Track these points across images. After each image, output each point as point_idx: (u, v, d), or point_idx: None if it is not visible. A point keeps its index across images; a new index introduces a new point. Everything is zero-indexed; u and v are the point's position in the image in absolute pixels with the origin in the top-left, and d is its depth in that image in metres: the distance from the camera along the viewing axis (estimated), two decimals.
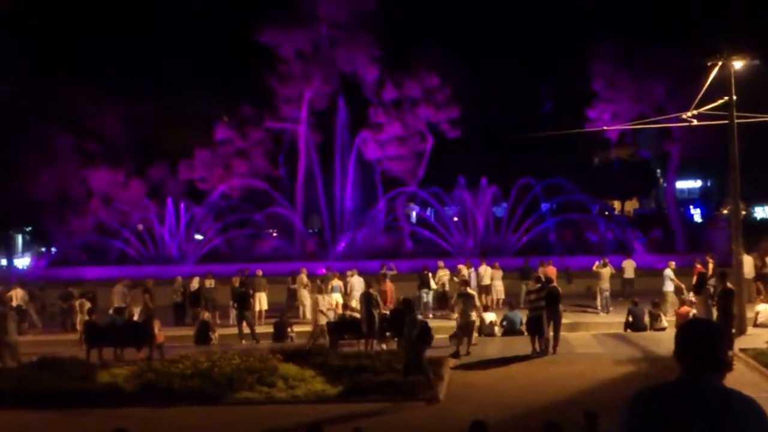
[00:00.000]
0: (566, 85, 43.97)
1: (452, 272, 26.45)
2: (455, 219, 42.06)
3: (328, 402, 14.18)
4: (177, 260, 38.66)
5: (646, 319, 21.86)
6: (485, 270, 27.09)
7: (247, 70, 42.19)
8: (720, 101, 21.11)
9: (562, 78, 44.33)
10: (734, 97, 20.74)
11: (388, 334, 19.88)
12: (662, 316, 21.86)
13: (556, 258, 31.23)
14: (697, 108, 22.31)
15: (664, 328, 21.31)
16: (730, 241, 22.39)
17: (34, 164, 39.65)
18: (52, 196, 41.19)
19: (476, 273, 26.49)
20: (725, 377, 3.31)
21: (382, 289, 23.10)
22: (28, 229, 52.89)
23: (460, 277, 24.16)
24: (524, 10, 45.16)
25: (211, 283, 26.13)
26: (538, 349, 18.57)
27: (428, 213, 46.11)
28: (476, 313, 20.08)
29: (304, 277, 26.19)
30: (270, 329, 22.58)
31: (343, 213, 41.77)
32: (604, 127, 36.84)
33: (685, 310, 20.46)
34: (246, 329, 22.50)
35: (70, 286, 26.64)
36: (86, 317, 21.45)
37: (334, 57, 42.37)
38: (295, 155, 42.50)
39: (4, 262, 48.63)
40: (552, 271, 25.09)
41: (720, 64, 20.43)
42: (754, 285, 24.76)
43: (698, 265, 24.20)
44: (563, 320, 19.80)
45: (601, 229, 40.01)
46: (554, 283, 20.11)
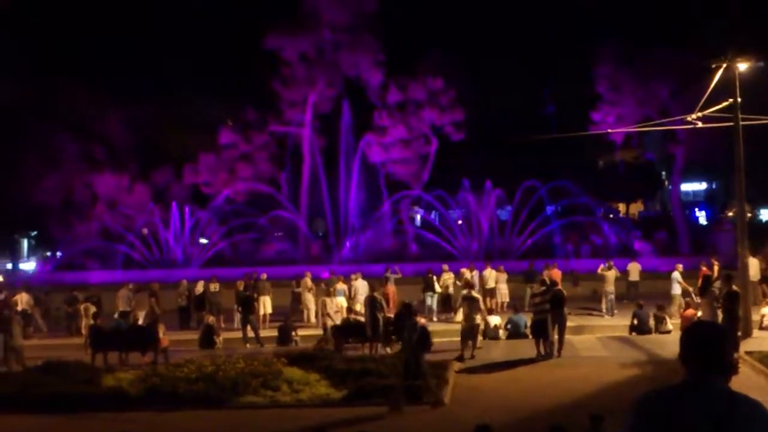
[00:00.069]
0: (570, 88, 43.92)
1: (456, 275, 26.42)
2: (459, 222, 41.99)
3: (333, 406, 14.16)
4: (182, 264, 38.68)
5: (651, 322, 21.82)
6: (490, 273, 27.05)
7: (251, 74, 42.25)
8: (725, 103, 21.07)
9: (566, 80, 44.27)
10: (739, 99, 20.70)
11: (394, 337, 19.86)
12: (667, 319, 21.82)
13: (560, 261, 31.20)
14: (702, 110, 22.25)
15: (669, 331, 21.25)
16: (736, 244, 22.35)
17: (39, 169, 39.70)
18: (57, 201, 41.27)
19: (480, 276, 26.45)
20: (731, 380, 3.30)
21: (384, 293, 23.09)
22: (34, 234, 52.98)
23: (463, 280, 24.14)
24: (527, 12, 45.16)
25: (215, 287, 26.13)
26: (543, 353, 18.54)
27: (433, 216, 46.07)
28: (481, 317, 20.05)
29: (309, 281, 26.21)
30: (274, 333, 22.61)
31: (348, 216, 41.72)
32: (609, 130, 36.76)
33: (691, 312, 20.42)
34: (250, 333, 22.52)
35: (75, 291, 26.61)
36: (91, 321, 21.46)
37: (338, 60, 42.40)
38: (300, 159, 42.45)
39: (10, 267, 48.71)
40: (557, 274, 25.05)
41: (724, 66, 20.40)
42: (759, 287, 24.72)
43: (704, 268, 24.14)
44: (568, 323, 19.77)
45: (606, 232, 39.91)
46: (559, 286, 20.06)
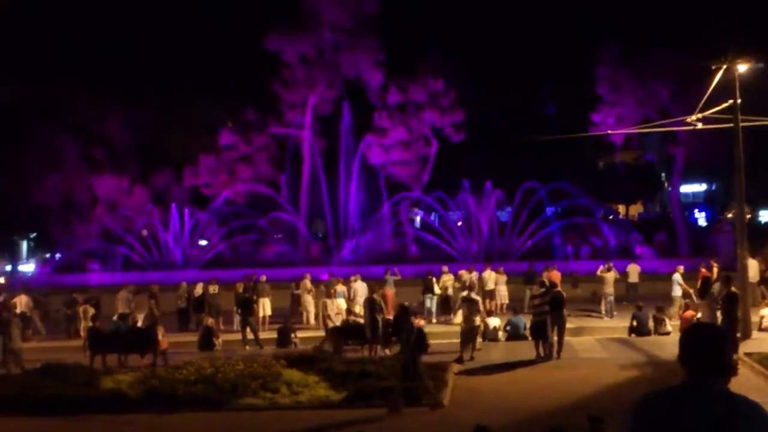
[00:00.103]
0: (570, 89, 43.91)
1: (456, 277, 26.39)
2: (459, 223, 41.97)
3: (332, 408, 14.12)
4: (181, 266, 38.67)
5: (651, 324, 21.80)
6: (489, 274, 27.00)
7: (252, 76, 42.26)
8: (725, 104, 21.06)
9: (566, 81, 44.25)
10: (739, 100, 20.70)
11: (394, 339, 19.82)
12: (666, 321, 21.80)
13: (560, 262, 31.18)
14: (701, 111, 22.24)
15: (668, 333, 21.24)
16: (735, 245, 22.32)
17: (40, 170, 39.70)
18: (57, 202, 41.27)
19: (480, 278, 26.41)
20: (730, 382, 3.28)
21: (383, 295, 23.02)
22: (33, 236, 52.96)
23: (461, 282, 24.14)
24: (527, 13, 45.15)
25: (214, 289, 26.11)
26: (543, 354, 18.51)
27: (432, 218, 46.06)
28: (480, 318, 20.02)
29: (308, 283, 26.18)
30: (274, 335, 22.57)
31: (348, 218, 41.71)
32: (609, 131, 36.76)
33: (690, 314, 20.40)
34: (250, 335, 22.48)
35: (74, 293, 26.58)
36: (90, 323, 21.44)
37: (339, 62, 42.42)
38: (300, 160, 42.45)
39: (9, 269, 48.69)
40: (556, 276, 24.98)
41: (724, 67, 20.39)
42: (758, 289, 24.69)
43: (703, 269, 24.12)
44: (567, 325, 19.74)
45: (605, 234, 39.91)
46: (558, 288, 20.04)
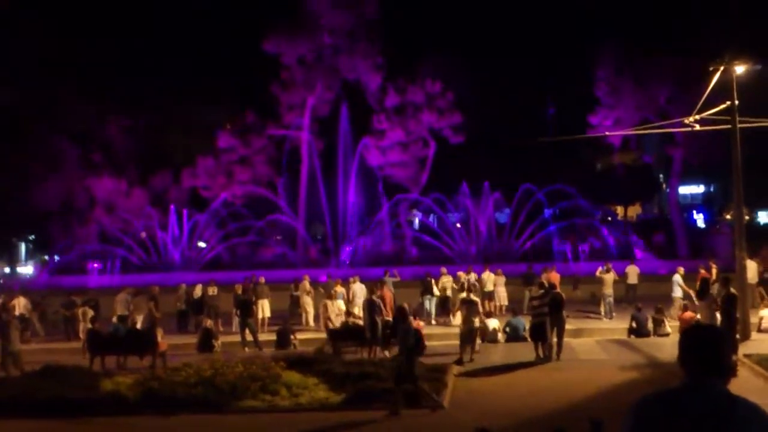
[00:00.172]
0: (569, 91, 43.96)
1: (455, 279, 26.41)
2: (458, 225, 41.98)
3: (332, 410, 14.10)
4: (180, 268, 38.65)
5: (650, 325, 21.82)
6: (488, 276, 27.04)
7: (250, 78, 42.29)
8: (722, 106, 21.10)
9: (564, 84, 44.32)
10: (736, 102, 20.72)
11: (393, 340, 19.79)
12: (665, 322, 21.82)
13: (559, 264, 31.19)
14: (699, 113, 22.27)
15: (667, 334, 21.27)
16: (733, 246, 22.35)
17: (39, 172, 39.69)
18: (56, 205, 41.26)
19: (479, 279, 26.42)
20: (729, 383, 3.30)
21: (381, 296, 23.00)
22: (32, 237, 52.93)
23: (459, 283, 24.16)
24: (526, 15, 45.21)
25: (213, 291, 26.11)
26: (542, 356, 18.51)
27: (431, 219, 46.07)
28: (479, 320, 20.01)
29: (307, 284, 26.19)
30: (273, 337, 22.57)
31: (346, 220, 41.71)
32: (607, 133, 36.82)
33: (689, 315, 20.40)
34: (249, 337, 22.47)
35: (73, 295, 26.55)
36: (89, 325, 21.43)
37: (337, 64, 42.44)
38: (298, 162, 42.46)
39: (7, 271, 48.65)
40: (555, 277, 25.00)
41: (722, 68, 20.42)
42: (757, 290, 24.70)
43: (702, 271, 24.12)
44: (567, 326, 19.74)
45: (604, 235, 39.93)
46: (557, 289, 20.06)
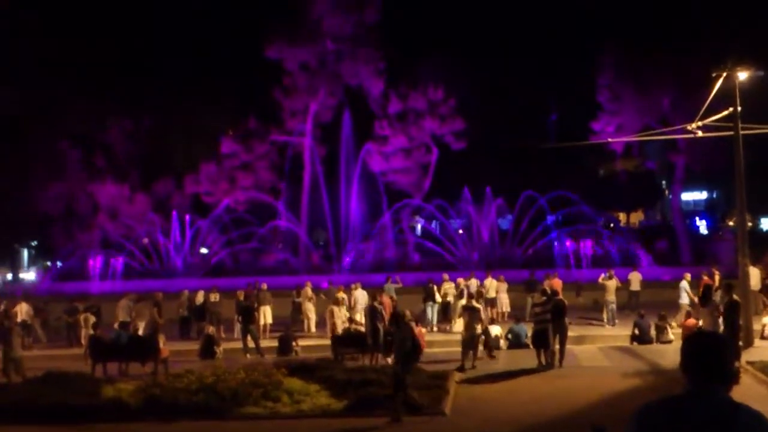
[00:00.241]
0: (571, 97, 43.98)
1: (456, 285, 26.35)
2: (460, 231, 41.95)
3: (333, 416, 14.06)
4: (182, 274, 38.65)
5: (653, 332, 21.77)
6: (490, 282, 26.99)
7: (253, 84, 42.35)
8: (725, 113, 21.07)
9: (566, 90, 44.34)
10: (739, 108, 20.70)
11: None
12: (668, 329, 21.76)
13: (561, 270, 31.14)
14: (702, 119, 22.24)
15: (670, 341, 21.21)
16: (736, 253, 22.28)
17: (41, 178, 39.75)
18: (58, 211, 41.28)
19: (481, 285, 26.34)
20: (732, 390, 3.29)
21: (381, 302, 22.94)
22: (34, 243, 52.98)
23: (458, 290, 24.13)
24: (529, 21, 45.30)
25: (215, 297, 26.09)
26: (544, 363, 18.46)
27: (433, 225, 46.06)
28: (481, 327, 19.96)
29: (309, 291, 26.19)
30: (275, 343, 22.55)
31: (348, 226, 41.71)
32: (609, 139, 36.79)
33: (692, 322, 20.35)
34: (251, 343, 22.44)
35: (75, 301, 26.58)
36: (91, 332, 21.42)
37: (340, 70, 42.51)
38: (300, 168, 42.50)
39: (10, 277, 48.67)
40: (558, 284, 24.94)
41: (724, 75, 20.41)
42: (760, 297, 24.64)
43: (705, 277, 24.08)
44: (569, 333, 19.69)
45: (606, 242, 39.88)
46: (560, 296, 20.01)
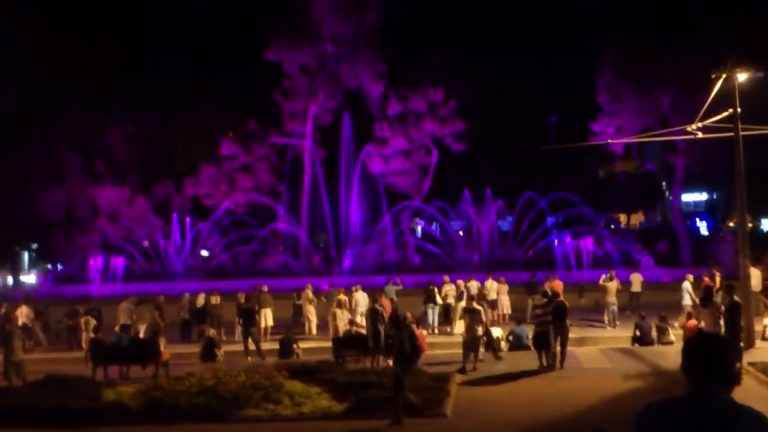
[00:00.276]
0: (571, 99, 43.99)
1: (456, 287, 26.36)
2: (460, 233, 41.94)
3: (334, 419, 14.06)
4: (183, 276, 38.65)
5: (654, 333, 21.76)
6: (491, 284, 26.99)
7: (253, 86, 42.36)
8: (725, 113, 21.06)
9: (566, 91, 44.35)
10: (739, 110, 20.70)
11: None
12: (669, 330, 21.75)
13: (562, 272, 31.14)
14: (701, 120, 22.24)
15: (671, 342, 21.20)
16: (737, 254, 22.27)
17: (41, 181, 39.76)
18: (59, 214, 41.29)
19: (482, 287, 26.36)
20: (733, 391, 3.29)
21: (381, 304, 22.91)
22: (34, 247, 52.96)
23: (458, 292, 24.11)
24: (529, 21, 45.30)
25: (216, 300, 26.10)
26: (545, 364, 18.45)
27: (434, 227, 46.04)
28: (482, 328, 19.95)
29: (310, 293, 26.19)
30: (276, 345, 22.54)
31: (349, 228, 41.71)
32: (609, 141, 36.78)
33: (693, 323, 20.35)
34: (252, 346, 22.45)
35: (75, 304, 26.60)
36: (92, 335, 21.43)
37: (339, 72, 42.53)
38: (300, 170, 42.51)
39: (10, 280, 48.65)
40: (558, 285, 24.96)
41: (724, 76, 20.41)
42: (761, 298, 24.61)
43: (706, 279, 24.06)
44: (570, 335, 19.68)
45: (607, 243, 39.88)
46: (561, 298, 20.00)
